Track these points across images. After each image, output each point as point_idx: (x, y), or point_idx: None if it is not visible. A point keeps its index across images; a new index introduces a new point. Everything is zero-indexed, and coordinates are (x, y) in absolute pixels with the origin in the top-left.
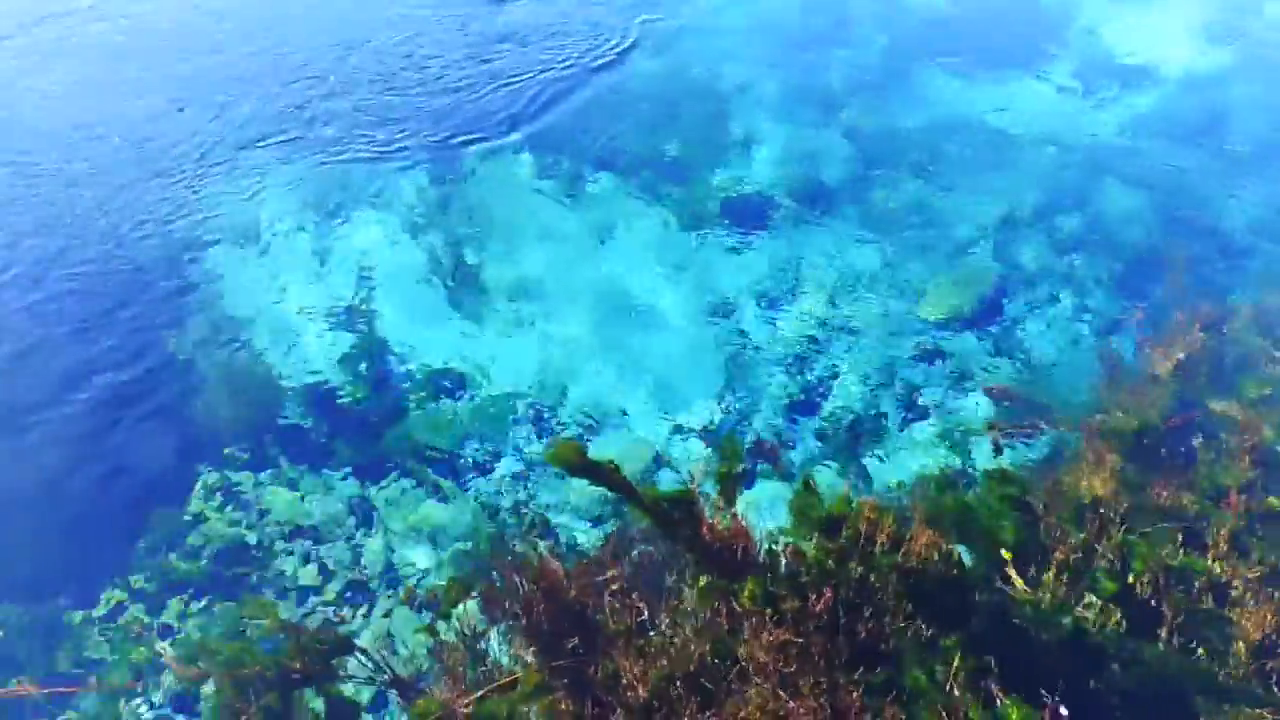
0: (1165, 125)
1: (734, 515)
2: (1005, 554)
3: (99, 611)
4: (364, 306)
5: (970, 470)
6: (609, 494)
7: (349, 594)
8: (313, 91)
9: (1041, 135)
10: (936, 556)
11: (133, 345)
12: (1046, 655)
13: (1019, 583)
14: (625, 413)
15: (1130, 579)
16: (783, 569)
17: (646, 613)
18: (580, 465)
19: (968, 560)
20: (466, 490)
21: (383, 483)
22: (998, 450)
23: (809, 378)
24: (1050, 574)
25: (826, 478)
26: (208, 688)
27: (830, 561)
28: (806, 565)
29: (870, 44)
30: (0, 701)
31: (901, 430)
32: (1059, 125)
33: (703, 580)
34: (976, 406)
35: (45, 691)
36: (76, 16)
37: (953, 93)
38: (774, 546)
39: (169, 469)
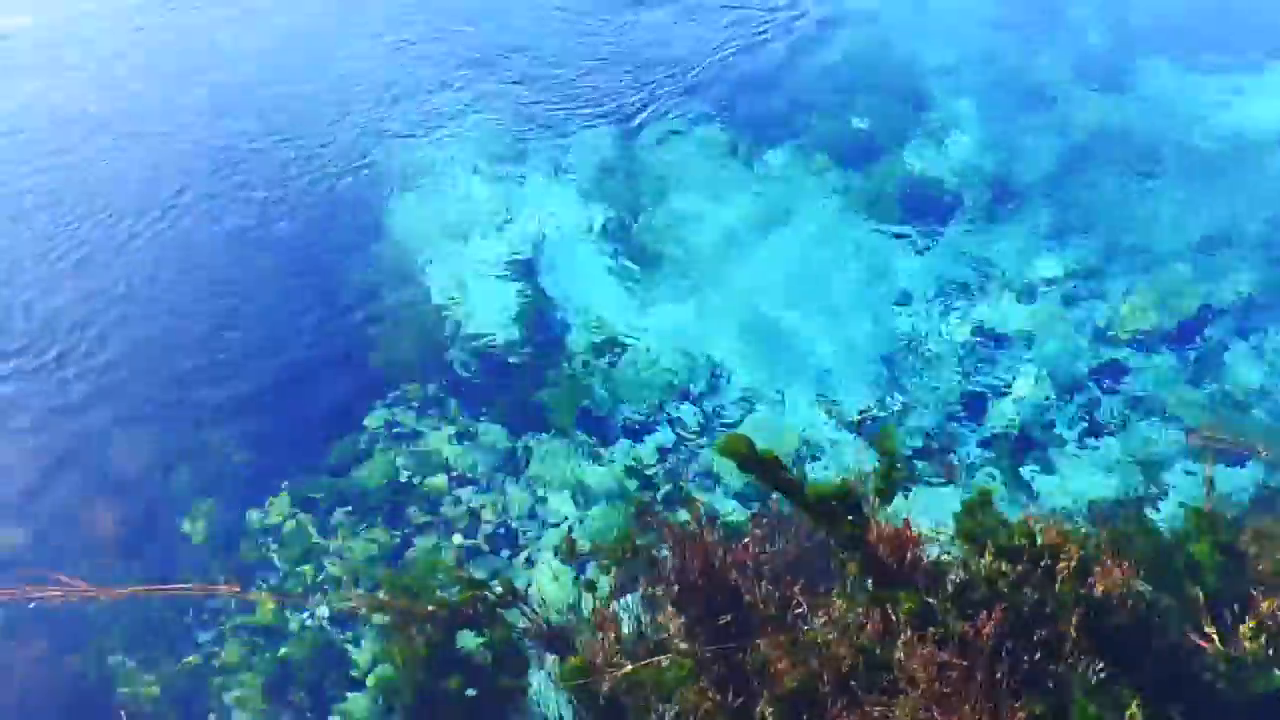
0: None
1: (905, 520)
2: (1201, 600)
3: (273, 520)
4: (536, 265)
5: (1159, 498)
6: None
7: (498, 539)
8: (502, 60)
9: (1276, 141)
10: (1124, 593)
11: (323, 281)
12: (1236, 715)
13: (1213, 632)
14: (783, 396)
15: None
16: (949, 584)
17: (805, 607)
18: (749, 459)
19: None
20: (618, 454)
21: (538, 437)
22: (1210, 487)
23: (981, 381)
24: (1250, 626)
25: (990, 486)
26: (377, 614)
27: (1003, 585)
28: (977, 583)
29: (1089, 29)
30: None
31: (1080, 448)
32: None
33: (864, 586)
34: (1168, 432)
35: (237, 593)
36: None
37: (1177, 88)
38: (944, 557)
39: (345, 398)
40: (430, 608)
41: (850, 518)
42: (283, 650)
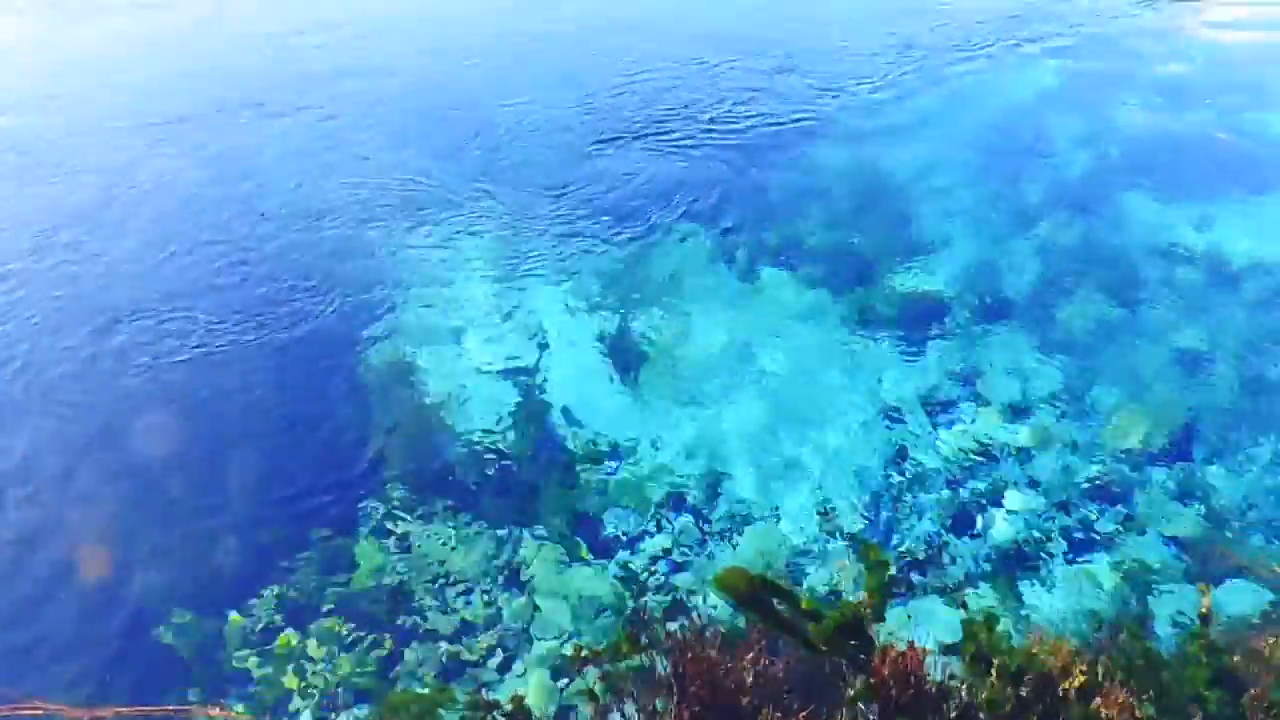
0: None
1: (910, 643)
2: None
3: (256, 626)
4: (533, 370)
5: (1154, 617)
6: None
7: (490, 648)
8: (502, 173)
9: (1253, 268)
10: (1130, 716)
11: (316, 380)
12: None
13: None
14: (777, 507)
15: None
16: (954, 708)
17: None
18: (747, 596)
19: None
20: (612, 560)
21: (532, 542)
22: (1205, 620)
23: (972, 495)
24: None
25: (982, 602)
26: None
27: (1009, 708)
28: (981, 707)
29: (1073, 160)
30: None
31: (1072, 563)
32: (1276, 260)
33: (867, 713)
34: (1157, 547)
35: (223, 716)
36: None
37: (1158, 216)
38: (950, 681)
39: (336, 498)
40: None
41: (854, 642)
42: None
